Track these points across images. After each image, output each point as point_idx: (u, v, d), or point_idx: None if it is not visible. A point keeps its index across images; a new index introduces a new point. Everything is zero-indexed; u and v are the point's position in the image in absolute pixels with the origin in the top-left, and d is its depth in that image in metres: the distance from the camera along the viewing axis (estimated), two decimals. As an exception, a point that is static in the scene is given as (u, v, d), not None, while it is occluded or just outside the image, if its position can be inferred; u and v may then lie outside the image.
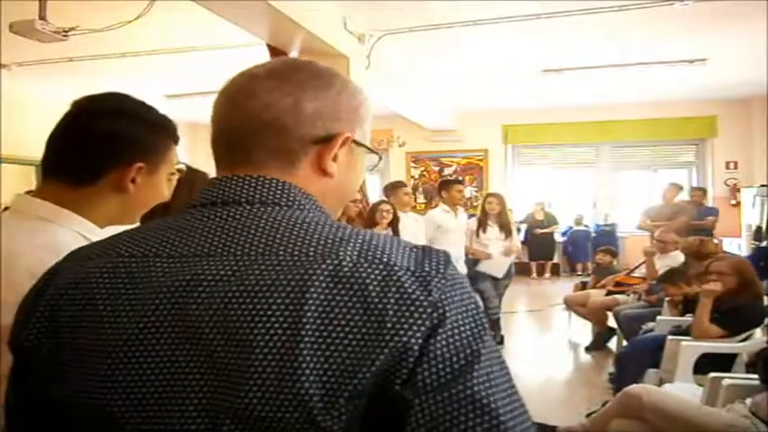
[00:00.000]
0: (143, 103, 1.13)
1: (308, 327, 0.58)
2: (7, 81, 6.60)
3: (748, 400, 2.65)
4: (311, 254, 0.62)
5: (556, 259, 10.47)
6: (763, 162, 8.26)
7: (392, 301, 0.59)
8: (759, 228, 7.87)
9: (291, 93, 0.72)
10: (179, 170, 1.37)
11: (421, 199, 10.51)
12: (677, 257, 5.18)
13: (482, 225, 5.65)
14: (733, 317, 3.47)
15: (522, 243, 9.79)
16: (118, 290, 0.66)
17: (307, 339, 0.57)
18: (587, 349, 5.63)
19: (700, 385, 3.14)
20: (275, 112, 0.71)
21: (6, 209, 1.11)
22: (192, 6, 3.73)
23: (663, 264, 5.22)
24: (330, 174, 0.74)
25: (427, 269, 0.62)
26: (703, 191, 8.59)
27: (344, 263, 0.61)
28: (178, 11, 4.38)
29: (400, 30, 5.12)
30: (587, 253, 10.08)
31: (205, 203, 0.71)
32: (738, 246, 8.18)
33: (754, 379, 2.74)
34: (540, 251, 10.25)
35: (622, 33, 5.68)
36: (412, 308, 0.59)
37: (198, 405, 0.60)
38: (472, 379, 0.58)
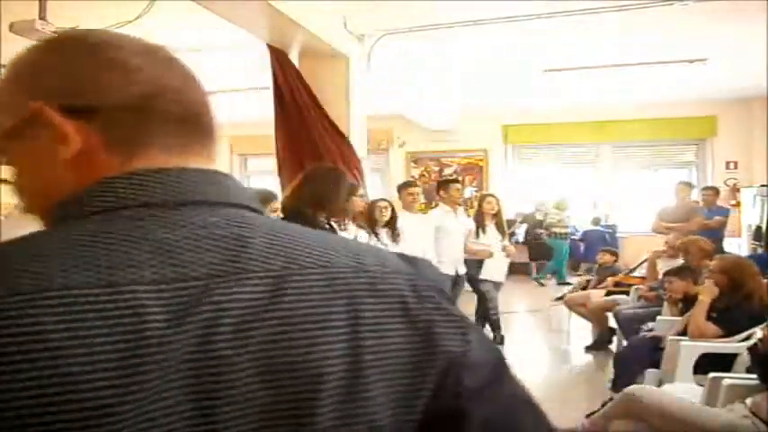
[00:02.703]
0: None
1: (367, 345, 0.53)
2: (7, 81, 6.60)
3: (748, 400, 2.65)
4: (336, 263, 0.56)
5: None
6: (763, 162, 8.25)
7: (431, 312, 0.57)
8: (759, 228, 7.86)
9: None
10: None
11: (421, 199, 10.48)
12: (680, 261, 5.16)
13: (480, 226, 5.61)
14: (725, 316, 3.48)
15: (522, 243, 9.80)
16: None
17: (369, 362, 0.53)
18: (587, 349, 5.62)
19: (700, 385, 3.13)
20: None
21: None
22: (193, 6, 3.73)
23: (666, 265, 5.21)
24: None
25: (432, 277, 0.61)
26: (716, 190, 7.99)
27: (376, 273, 0.57)
28: (178, 11, 4.37)
29: (400, 30, 5.12)
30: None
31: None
32: (738, 246, 8.17)
33: (754, 379, 2.74)
34: (540, 251, 10.25)
35: (622, 33, 5.68)
36: (451, 319, 0.58)
37: None
38: (511, 380, 0.61)
